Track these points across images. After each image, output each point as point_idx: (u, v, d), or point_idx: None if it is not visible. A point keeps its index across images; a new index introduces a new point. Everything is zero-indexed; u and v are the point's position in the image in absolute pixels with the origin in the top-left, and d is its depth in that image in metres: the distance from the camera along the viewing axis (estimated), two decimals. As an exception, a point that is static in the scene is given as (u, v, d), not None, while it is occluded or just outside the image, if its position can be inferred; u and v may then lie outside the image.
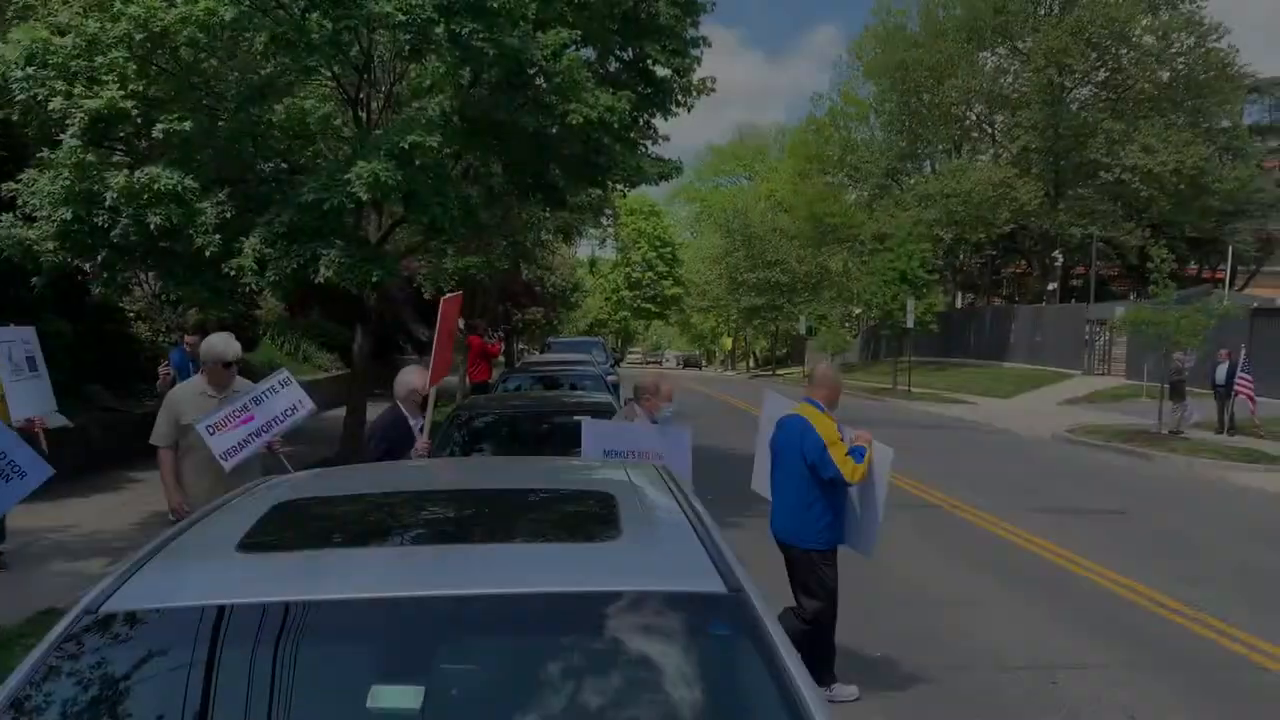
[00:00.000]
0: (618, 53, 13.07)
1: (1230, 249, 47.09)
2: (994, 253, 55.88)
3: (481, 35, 9.96)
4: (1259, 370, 21.37)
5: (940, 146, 53.22)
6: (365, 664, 2.09)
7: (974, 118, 51.83)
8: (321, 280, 10.49)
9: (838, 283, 59.42)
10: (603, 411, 8.30)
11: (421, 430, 6.55)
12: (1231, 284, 46.83)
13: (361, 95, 12.62)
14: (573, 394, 10.55)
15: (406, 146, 9.74)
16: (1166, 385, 20.88)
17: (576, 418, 8.34)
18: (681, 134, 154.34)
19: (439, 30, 10.03)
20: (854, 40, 57.84)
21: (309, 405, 6.43)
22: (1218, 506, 13.00)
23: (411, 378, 6.64)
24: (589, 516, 2.84)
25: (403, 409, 6.53)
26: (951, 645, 6.74)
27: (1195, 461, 17.15)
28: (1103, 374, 36.72)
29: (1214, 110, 44.69)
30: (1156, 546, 10.21)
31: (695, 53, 13.14)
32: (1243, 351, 21.42)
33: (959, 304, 57.93)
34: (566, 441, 7.87)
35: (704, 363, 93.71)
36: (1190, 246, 51.20)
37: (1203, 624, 7.31)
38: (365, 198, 9.82)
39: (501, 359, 28.89)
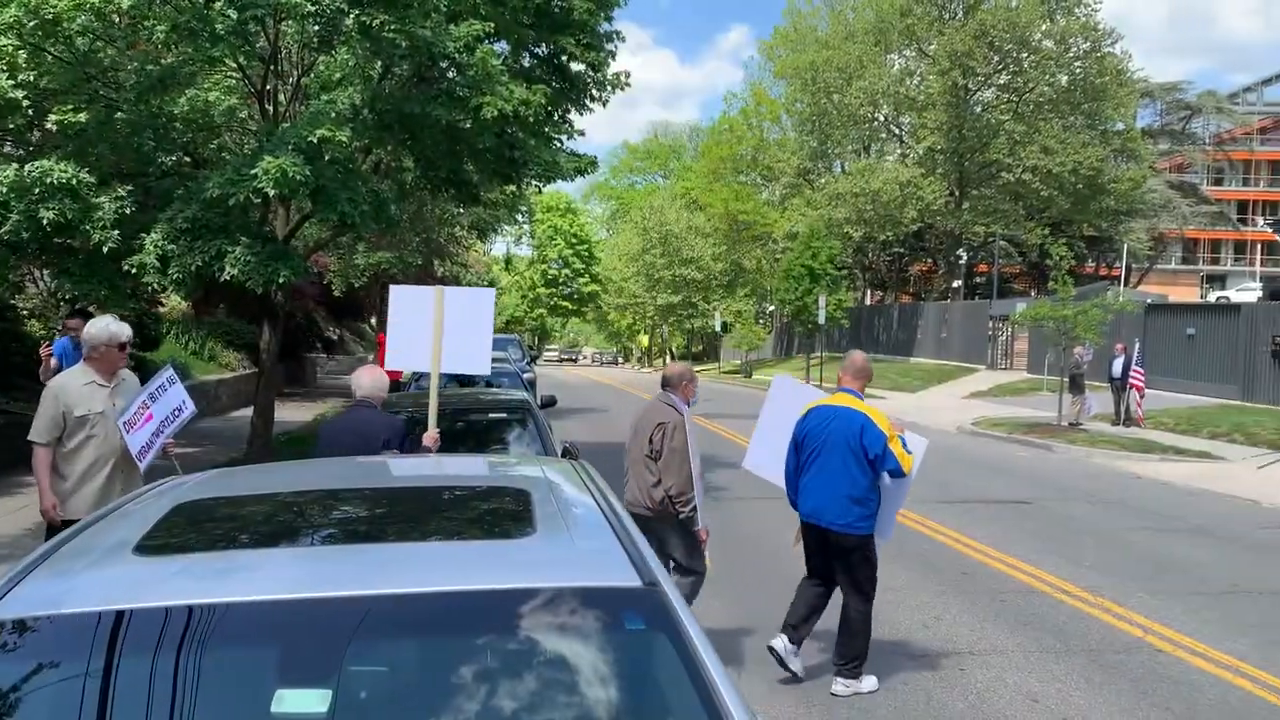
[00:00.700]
0: (532, 47, 13.00)
1: (1125, 247, 49.04)
2: (902, 251, 57.19)
3: (393, 27, 9.80)
4: (1152, 363, 22.29)
5: (850, 146, 54.17)
6: (270, 668, 2.04)
7: (882, 119, 52.88)
8: (227, 278, 10.20)
9: (752, 280, 60.11)
10: (517, 409, 8.24)
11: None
12: (1126, 281, 48.77)
13: (268, 87, 12.32)
14: (487, 391, 10.45)
15: (315, 140, 9.53)
16: (1066, 379, 21.60)
17: (492, 415, 8.30)
18: (597, 132, 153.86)
19: (349, 21, 9.84)
20: (764, 41, 58.56)
21: (191, 407, 6.10)
22: (1116, 495, 13.49)
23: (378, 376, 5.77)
24: (503, 513, 2.81)
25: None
26: (864, 635, 6.87)
27: (1094, 452, 17.78)
28: (1006, 368, 37.86)
29: (1109, 113, 46.35)
30: (1060, 535, 10.56)
31: (610, 48, 13.14)
32: (1137, 346, 22.29)
33: (869, 301, 59.11)
34: (481, 439, 7.81)
35: (620, 360, 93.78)
36: (1088, 245, 53.17)
37: (1103, 609, 7.59)
38: (272, 193, 9.57)
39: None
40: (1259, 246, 66.21)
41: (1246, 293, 49.05)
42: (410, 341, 6.15)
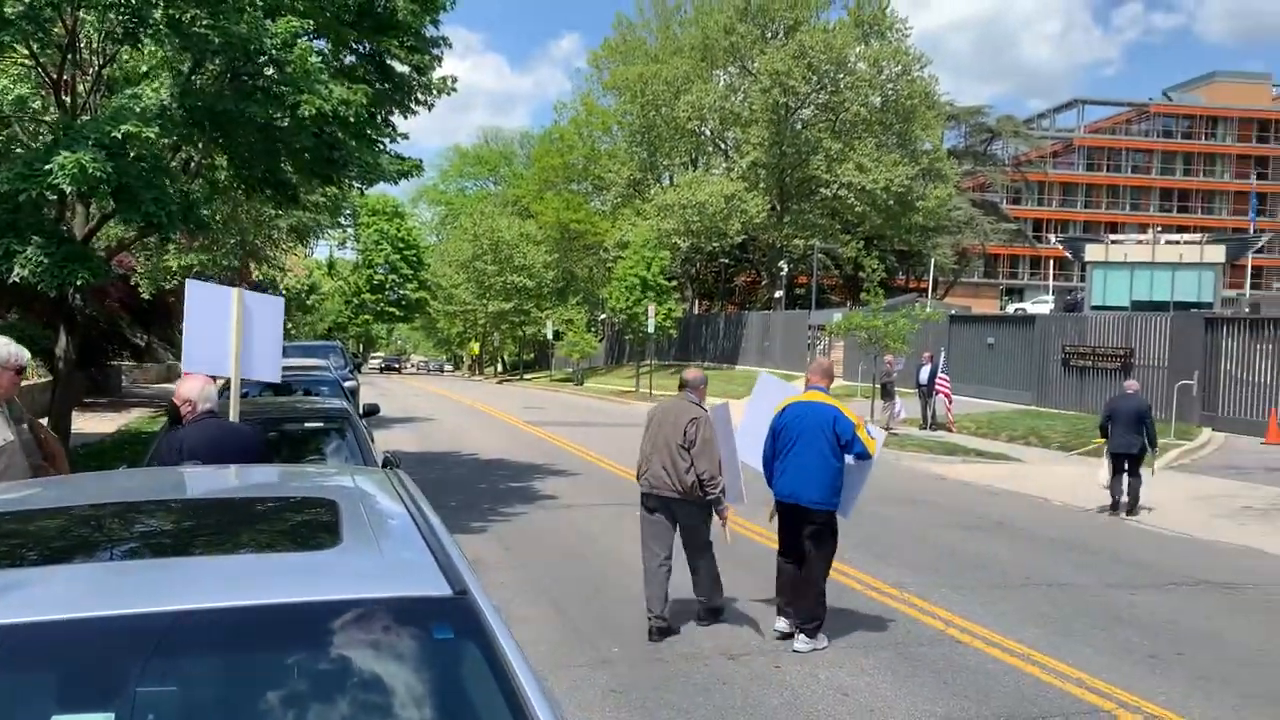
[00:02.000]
0: (354, 46, 12.67)
1: (932, 261, 51.97)
2: (727, 262, 58.74)
3: (205, 22, 9.36)
4: (956, 371, 23.68)
5: (678, 159, 55.28)
6: (49, 694, 1.90)
7: (708, 133, 54.21)
8: (16, 280, 9.48)
9: (584, 288, 60.38)
10: (336, 418, 7.99)
11: None
12: (933, 293, 51.65)
13: (66, 78, 11.51)
14: (306, 400, 10.10)
15: (119, 136, 8.98)
16: (878, 385, 22.69)
17: (309, 425, 8.02)
18: (428, 135, 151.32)
19: (157, 14, 9.33)
20: (594, 52, 59.04)
21: None
22: (923, 496, 14.24)
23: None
24: (309, 524, 2.73)
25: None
26: (687, 635, 7.01)
27: (903, 455, 18.73)
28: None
29: (918, 134, 49.04)
30: (871, 535, 11.05)
31: (436, 51, 12.95)
32: (942, 354, 23.65)
33: (696, 310, 60.40)
34: (297, 449, 7.54)
35: (449, 367, 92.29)
36: (898, 259, 56.11)
37: (909, 604, 8.00)
38: (69, 190, 8.97)
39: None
40: (1052, 262, 71.43)
41: (1041, 305, 52.83)
42: (208, 343, 5.92)
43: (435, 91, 13.08)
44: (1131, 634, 7.34)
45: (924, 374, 23.06)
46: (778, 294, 52.12)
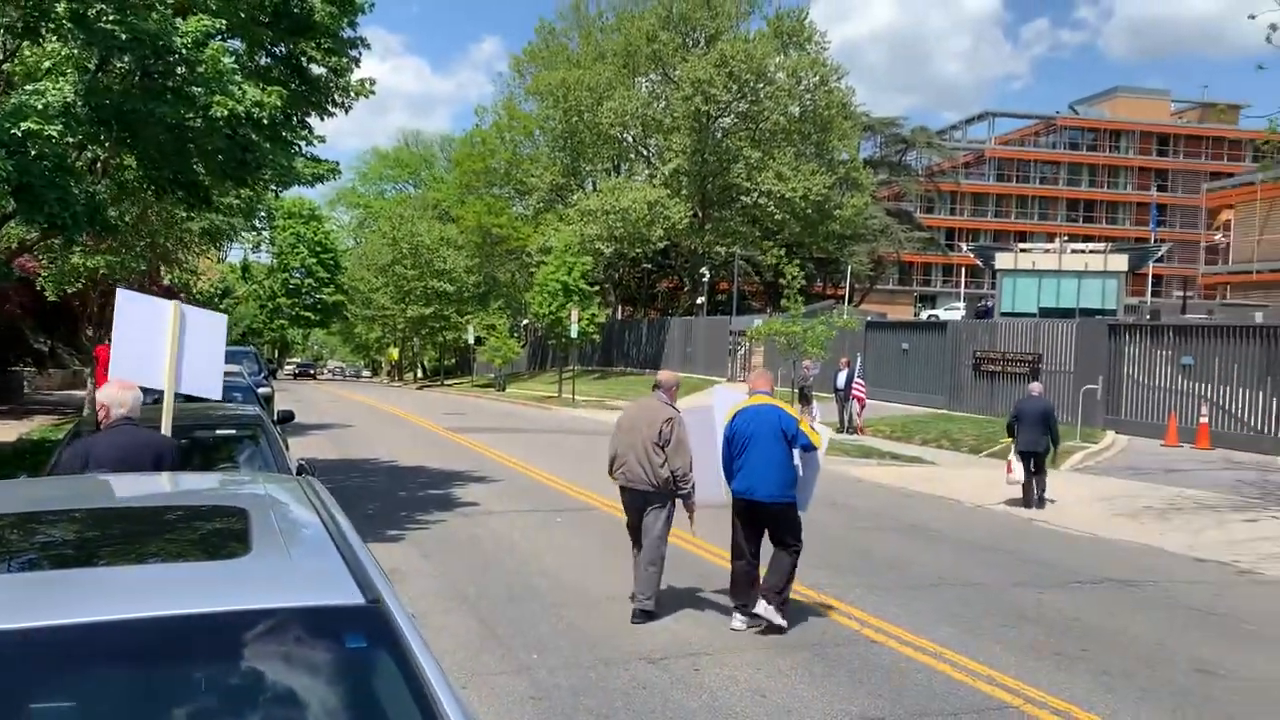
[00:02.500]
0: (269, 47, 12.43)
1: (849, 269, 52.91)
2: (650, 268, 59.00)
3: (111, 17, 9.08)
4: (872, 376, 24.14)
5: (601, 165, 55.36)
6: None
7: (631, 139, 54.42)
8: (-94, 281, 9.08)
9: (506, 293, 60.05)
10: (249, 425, 7.82)
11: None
12: (850, 300, 52.61)
13: (-38, 72, 11.09)
14: (217, 407, 9.85)
15: (20, 134, 8.67)
16: (797, 390, 23.01)
17: (220, 432, 7.83)
18: (346, 137, 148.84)
19: (60, 8, 9.03)
20: (516, 56, 58.78)
21: None
22: (841, 499, 14.47)
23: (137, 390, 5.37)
24: (219, 533, 2.68)
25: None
26: (607, 641, 7.02)
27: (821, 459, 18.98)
28: (745, 381, 39.79)
29: (836, 144, 49.91)
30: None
31: (354, 53, 12.78)
32: (859, 359, 24.09)
33: (620, 316, 60.53)
34: (209, 457, 7.36)
35: (367, 373, 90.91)
36: (817, 266, 56.97)
37: (826, 605, 8.14)
38: (-37, 188, 8.63)
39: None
40: (964, 270, 73.32)
41: (953, 312, 54.15)
42: (140, 355, 5.87)
43: (353, 94, 12.91)
44: (1039, 632, 7.57)
45: (841, 379, 23.46)
46: (700, 300, 52.51)
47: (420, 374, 76.53)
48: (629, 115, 49.23)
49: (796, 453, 7.39)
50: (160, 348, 5.80)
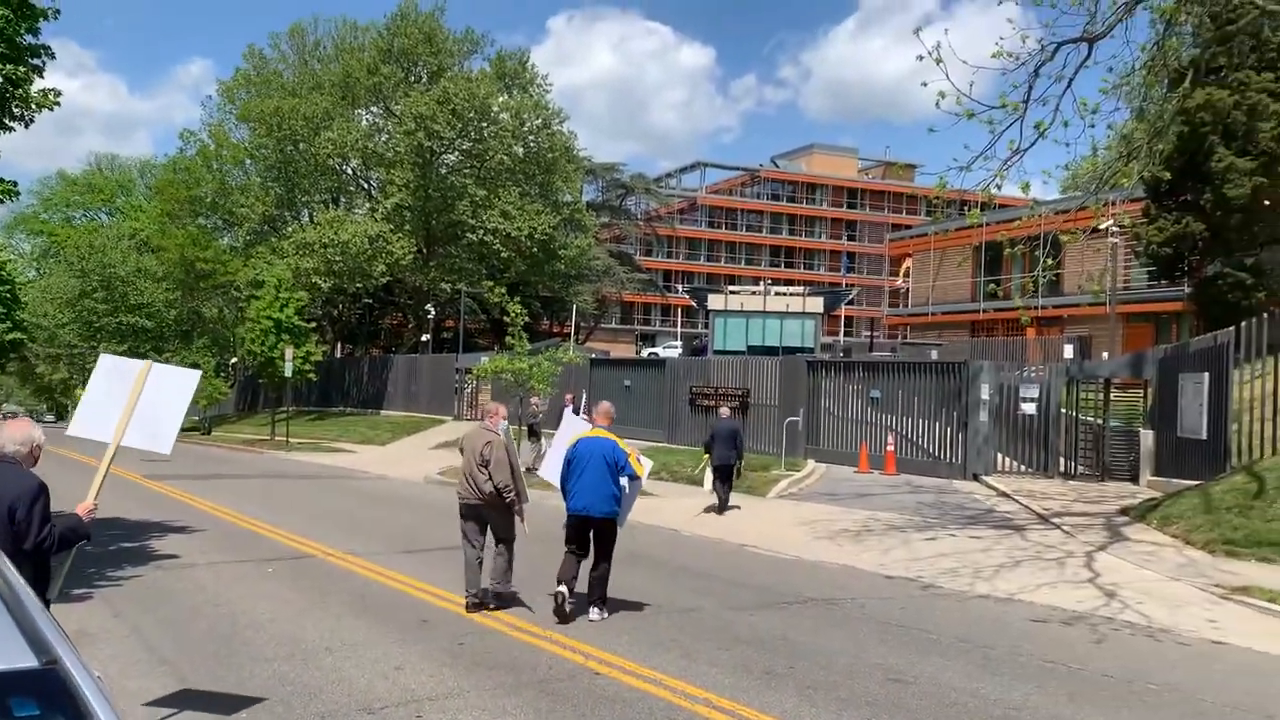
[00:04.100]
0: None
1: (574, 307, 54.01)
2: (372, 304, 57.40)
3: None
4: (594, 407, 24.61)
5: (319, 196, 53.40)
6: None
7: (351, 171, 52.94)
8: None
9: (212, 330, 56.35)
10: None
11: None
12: (576, 337, 53.60)
13: None
14: None
15: None
16: (525, 427, 23.10)
17: None
18: (25, 157, 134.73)
19: None
20: (225, 82, 55.60)
21: None
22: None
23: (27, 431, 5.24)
24: None
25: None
26: (325, 691, 6.69)
27: (547, 494, 19.11)
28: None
29: (559, 186, 50.91)
30: (515, 574, 11.18)
31: (35, 61, 11.65)
32: (584, 395, 24.55)
33: (339, 353, 58.33)
34: None
35: (50, 417, 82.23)
36: (544, 304, 57.77)
37: (551, 640, 8.17)
38: None
39: None
40: (680, 310, 76.77)
41: (671, 350, 56.54)
42: (99, 409, 6.06)
43: (34, 105, 11.75)
44: (750, 652, 7.98)
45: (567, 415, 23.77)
46: (425, 337, 51.64)
47: (113, 417, 69.99)
48: (349, 147, 47.85)
49: (624, 480, 8.95)
50: (119, 404, 5.98)
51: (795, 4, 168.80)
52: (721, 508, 16.76)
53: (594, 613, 8.93)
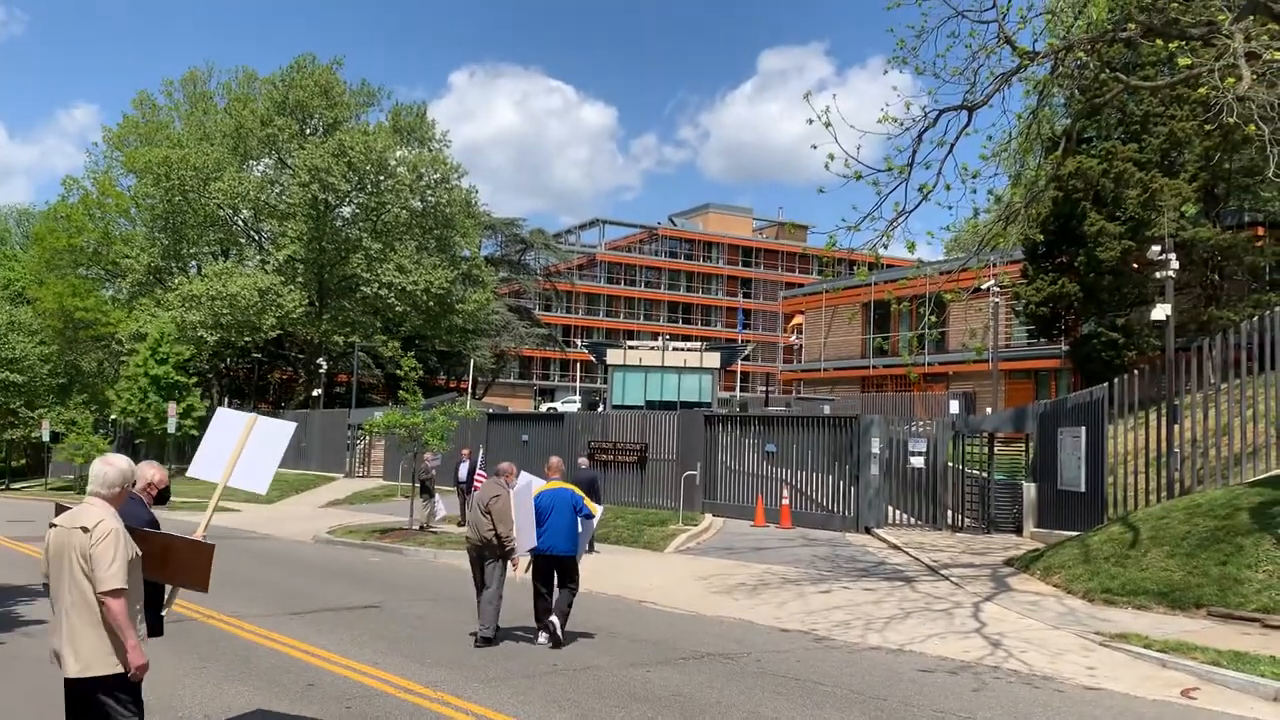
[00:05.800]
0: None
1: (472, 362, 53.55)
2: (261, 357, 55.89)
3: None
4: (492, 467, 24.30)
5: (207, 248, 52.04)
6: None
7: (242, 223, 51.80)
8: None
9: (91, 385, 54.00)
10: None
11: None
12: (474, 392, 53.06)
13: None
14: None
15: None
16: (418, 484, 22.68)
17: None
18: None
19: None
20: (110, 129, 53.98)
21: None
22: (455, 591, 14.35)
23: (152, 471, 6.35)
24: None
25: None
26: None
27: (441, 553, 18.80)
28: (364, 476, 38.64)
29: (458, 240, 50.70)
30: (406, 635, 10.91)
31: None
32: (481, 451, 24.25)
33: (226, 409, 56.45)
34: None
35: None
36: (440, 359, 57.12)
37: (442, 702, 7.96)
38: None
39: None
40: (579, 365, 76.84)
41: (570, 404, 56.47)
42: (214, 456, 6.75)
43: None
44: (647, 710, 7.90)
45: (463, 470, 23.45)
46: (317, 391, 50.43)
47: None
48: (240, 198, 46.86)
49: (580, 520, 10.72)
50: (229, 449, 6.69)
51: (695, 67, 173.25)
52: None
53: (554, 624, 10.40)
